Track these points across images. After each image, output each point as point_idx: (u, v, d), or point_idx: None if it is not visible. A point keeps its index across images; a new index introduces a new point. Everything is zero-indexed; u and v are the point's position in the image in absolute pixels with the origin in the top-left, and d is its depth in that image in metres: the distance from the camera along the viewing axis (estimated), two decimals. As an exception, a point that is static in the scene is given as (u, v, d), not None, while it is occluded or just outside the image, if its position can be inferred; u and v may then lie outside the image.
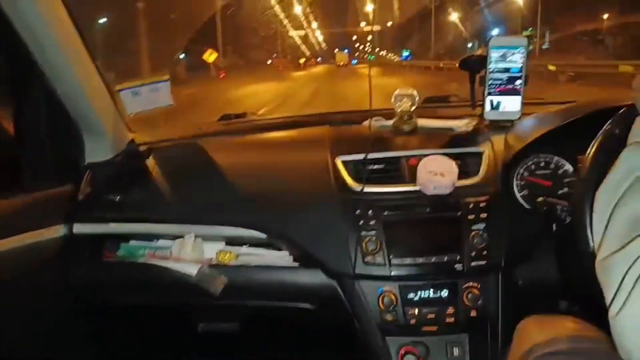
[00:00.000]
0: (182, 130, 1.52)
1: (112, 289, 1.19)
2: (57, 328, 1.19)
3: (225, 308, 1.20)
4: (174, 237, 1.23)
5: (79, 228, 1.20)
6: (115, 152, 1.34)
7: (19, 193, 1.14)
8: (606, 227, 0.66)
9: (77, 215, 1.21)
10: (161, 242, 1.26)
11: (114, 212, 1.21)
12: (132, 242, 1.25)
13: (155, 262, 1.17)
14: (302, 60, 41.44)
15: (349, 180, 1.16)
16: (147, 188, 1.24)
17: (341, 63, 41.98)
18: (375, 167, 1.17)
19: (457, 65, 1.37)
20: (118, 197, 1.23)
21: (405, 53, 34.71)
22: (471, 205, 1.10)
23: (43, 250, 1.13)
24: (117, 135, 1.36)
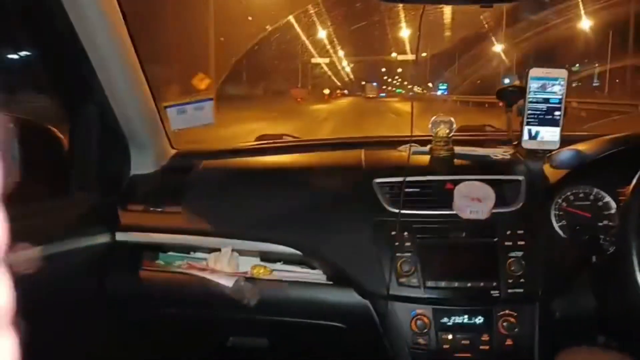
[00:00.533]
0: (220, 148, 1.57)
1: (150, 296, 1.22)
2: (91, 335, 1.22)
3: (257, 323, 1.21)
4: (211, 250, 1.26)
5: (121, 236, 1.24)
6: (159, 165, 1.39)
7: (67, 200, 1.19)
8: None
9: (120, 223, 1.25)
10: (198, 254, 1.29)
11: (154, 223, 1.25)
12: (171, 253, 1.29)
13: (192, 273, 1.20)
14: (326, 91, 35.31)
15: (385, 202, 1.17)
16: (187, 201, 1.28)
17: (370, 95, 41.00)
18: (412, 190, 1.19)
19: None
20: (160, 209, 1.27)
21: (442, 87, 33.07)
22: (509, 232, 1.10)
23: (85, 256, 1.17)
24: (161, 150, 1.42)
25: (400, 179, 1.19)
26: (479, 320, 1.08)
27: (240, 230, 1.22)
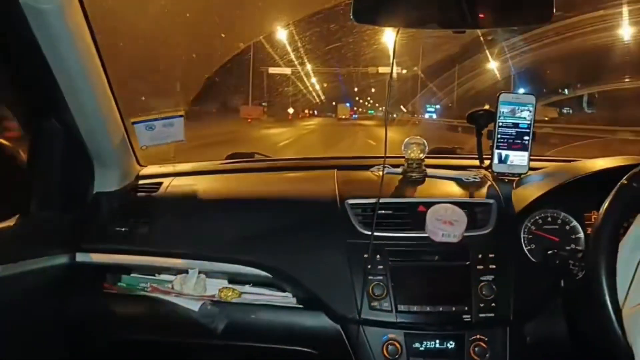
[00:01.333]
0: (189, 166, 1.53)
1: (111, 321, 1.16)
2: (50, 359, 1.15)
3: (226, 348, 1.17)
4: (177, 272, 1.21)
5: (81, 257, 1.19)
6: (124, 183, 1.34)
7: (25, 219, 1.13)
8: (632, 280, 0.66)
9: (81, 244, 1.19)
10: (163, 276, 1.24)
11: (118, 244, 1.20)
12: (134, 275, 1.24)
13: (157, 296, 1.15)
14: (290, 110, 28.75)
15: (357, 223, 1.16)
16: (153, 221, 1.24)
17: (343, 116, 36.82)
18: (385, 212, 1.18)
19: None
20: (124, 229, 1.22)
21: (431, 109, 26.09)
22: (480, 256, 1.10)
23: (44, 277, 1.11)
24: (127, 167, 1.37)
25: (373, 200, 1.18)
26: (451, 345, 1.07)
27: (208, 251, 1.19)
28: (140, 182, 1.38)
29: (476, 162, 1.41)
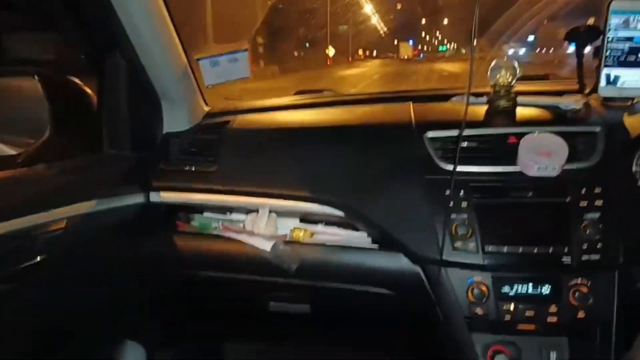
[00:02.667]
0: (256, 104, 1.47)
1: (184, 259, 1.16)
2: (125, 297, 1.19)
3: (298, 288, 1.14)
4: (248, 211, 1.18)
5: (154, 197, 1.18)
6: (193, 123, 1.31)
7: (99, 158, 1.14)
8: None
9: (153, 184, 1.19)
10: (234, 216, 1.22)
11: (189, 183, 1.18)
12: (206, 214, 1.22)
13: (229, 235, 1.13)
14: (331, 52, 20.32)
15: (437, 158, 1.05)
16: (223, 160, 1.20)
17: (405, 56, 32.12)
18: (469, 144, 1.05)
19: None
20: (194, 168, 1.20)
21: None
22: (583, 191, 0.96)
23: (119, 216, 1.12)
24: (194, 107, 1.33)
25: (454, 132, 1.06)
26: (546, 290, 0.96)
27: (278, 189, 1.14)
28: (208, 121, 1.35)
29: (576, 87, 1.22)
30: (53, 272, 0.90)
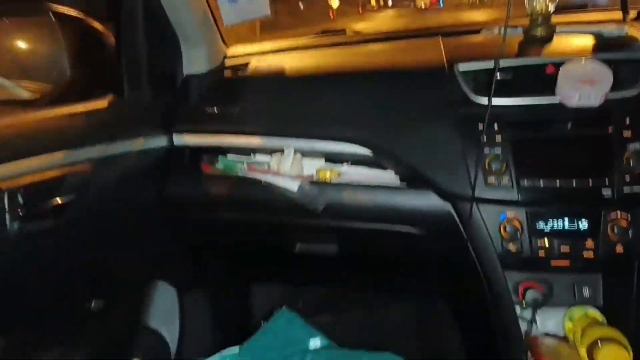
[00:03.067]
0: (276, 44, 1.42)
1: (210, 201, 1.16)
2: (154, 238, 1.19)
3: (324, 229, 1.13)
4: (273, 152, 1.16)
5: (178, 139, 1.17)
6: (213, 65, 1.28)
7: (120, 99, 1.12)
8: None
9: (176, 126, 1.17)
10: (259, 157, 1.20)
11: (212, 124, 1.16)
12: (231, 156, 1.21)
13: (254, 176, 1.11)
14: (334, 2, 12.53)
15: (470, 91, 1.00)
16: (245, 100, 1.17)
17: (423, 5, 31.37)
18: (504, 76, 1.00)
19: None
20: (216, 109, 1.17)
21: None
22: (627, 121, 0.90)
23: (143, 159, 1.11)
24: (214, 48, 1.29)
25: (488, 64, 1.00)
26: (583, 224, 0.93)
27: (302, 128, 1.11)
28: (228, 62, 1.31)
29: (619, 15, 1.14)
30: (83, 213, 0.90)
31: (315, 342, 0.94)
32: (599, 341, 0.84)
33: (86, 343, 0.99)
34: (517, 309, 0.97)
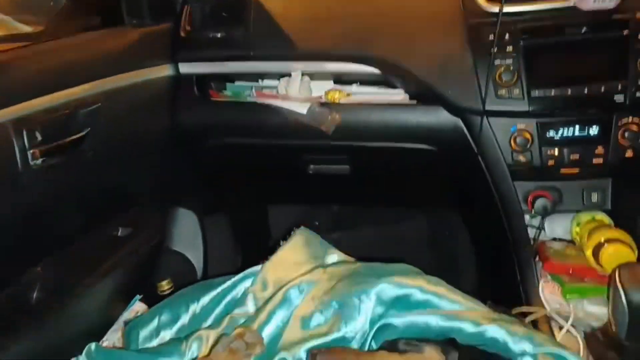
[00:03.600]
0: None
1: (220, 128, 1.17)
2: (170, 166, 1.21)
3: (336, 150, 1.14)
4: (280, 76, 1.15)
5: (184, 68, 1.15)
6: None
7: (121, 30, 1.10)
8: None
9: (181, 54, 1.15)
10: (267, 82, 1.19)
11: (216, 50, 1.14)
12: (238, 82, 1.20)
13: (263, 101, 1.11)
14: None
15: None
16: (248, 23, 1.14)
17: None
18: None
19: None
20: (220, 34, 1.15)
21: None
22: None
23: (150, 89, 1.10)
24: None
25: None
26: (594, 130, 0.93)
27: (309, 50, 1.09)
28: None
29: None
30: (98, 146, 0.92)
31: (332, 258, 0.98)
32: (604, 242, 0.87)
33: (115, 268, 1.05)
34: (527, 217, 1.01)
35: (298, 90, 1.12)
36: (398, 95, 1.10)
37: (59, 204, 0.88)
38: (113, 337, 0.97)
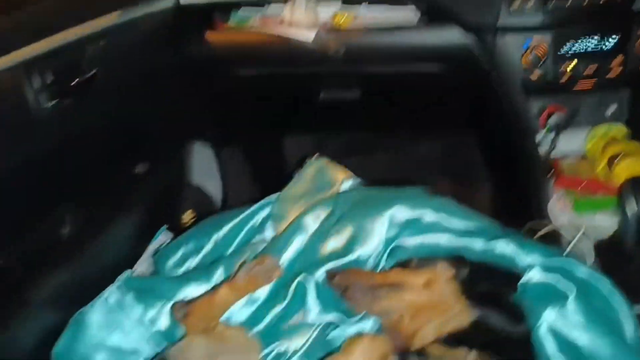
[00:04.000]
0: None
1: (227, 58, 1.15)
2: (182, 99, 1.21)
3: (346, 75, 1.12)
4: (285, 1, 1.11)
5: None
6: None
7: None
8: None
9: None
10: (272, 8, 1.15)
11: None
12: (243, 10, 1.16)
13: (269, 29, 1.08)
14: None
15: None
16: None
17: None
18: None
19: None
20: None
21: None
22: None
23: (153, 23, 1.08)
24: None
25: None
26: (611, 42, 0.90)
27: None
28: None
29: None
30: (108, 84, 0.92)
31: (346, 184, 1.00)
32: (618, 155, 0.87)
33: (139, 202, 1.09)
34: (541, 133, 1.00)
35: (304, 15, 1.08)
36: (408, 14, 1.05)
37: (76, 143, 0.90)
38: (142, 267, 1.03)
